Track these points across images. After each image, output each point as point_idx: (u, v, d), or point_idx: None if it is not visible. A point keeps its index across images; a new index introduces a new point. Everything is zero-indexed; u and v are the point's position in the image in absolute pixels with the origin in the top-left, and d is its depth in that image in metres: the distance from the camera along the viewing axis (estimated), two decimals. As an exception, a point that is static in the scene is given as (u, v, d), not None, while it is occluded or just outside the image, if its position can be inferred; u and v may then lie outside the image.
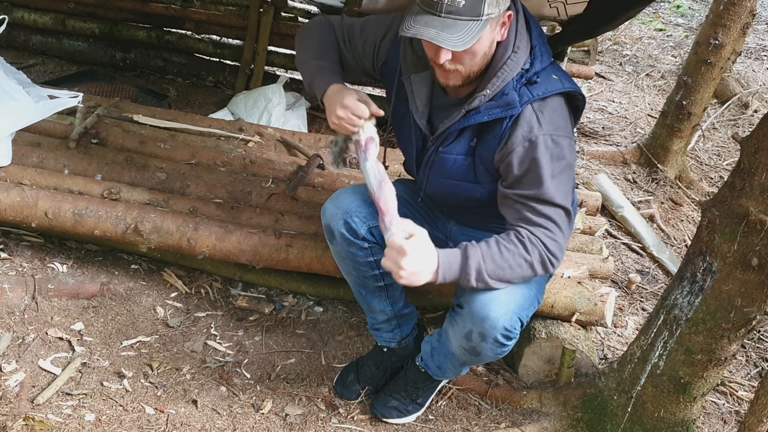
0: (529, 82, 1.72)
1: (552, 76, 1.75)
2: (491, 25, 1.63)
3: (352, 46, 1.98)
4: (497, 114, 1.72)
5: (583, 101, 1.84)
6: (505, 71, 1.70)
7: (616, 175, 4.03)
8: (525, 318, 1.84)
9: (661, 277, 3.24)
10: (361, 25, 1.98)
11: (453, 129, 1.79)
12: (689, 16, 7.30)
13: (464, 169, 1.84)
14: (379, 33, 1.94)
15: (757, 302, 1.77)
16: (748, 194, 1.69)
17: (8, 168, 2.46)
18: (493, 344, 1.80)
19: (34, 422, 1.90)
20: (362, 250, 1.99)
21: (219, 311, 2.46)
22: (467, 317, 1.80)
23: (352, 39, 1.98)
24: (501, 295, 1.76)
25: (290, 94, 3.91)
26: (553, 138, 1.71)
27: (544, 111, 1.71)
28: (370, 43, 1.96)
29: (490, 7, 1.59)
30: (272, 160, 2.89)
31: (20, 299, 2.33)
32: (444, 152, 1.83)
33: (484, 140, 1.78)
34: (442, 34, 1.59)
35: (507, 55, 1.70)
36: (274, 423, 2.07)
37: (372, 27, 1.97)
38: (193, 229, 2.32)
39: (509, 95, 1.71)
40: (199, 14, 4.11)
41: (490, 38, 1.67)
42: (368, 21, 1.99)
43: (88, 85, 3.63)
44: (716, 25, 3.61)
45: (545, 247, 1.73)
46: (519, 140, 1.71)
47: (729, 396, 2.54)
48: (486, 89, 1.71)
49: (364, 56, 1.98)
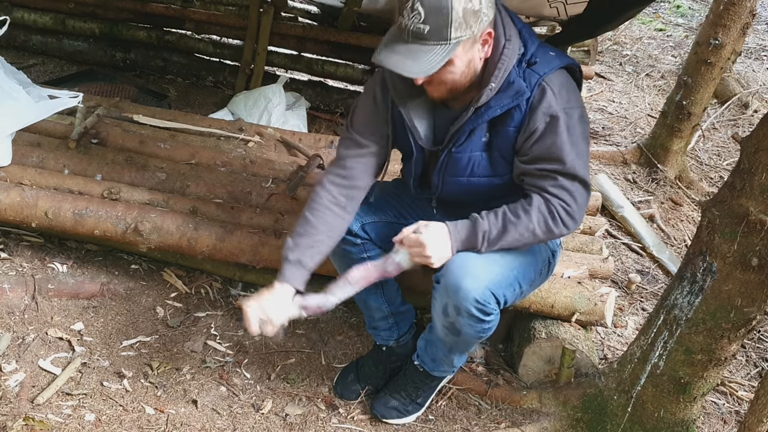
0: (529, 64, 1.73)
1: (549, 53, 1.76)
2: (464, 47, 1.63)
3: (360, 151, 1.91)
4: (509, 104, 1.72)
5: (581, 73, 1.85)
6: (504, 61, 1.70)
7: (616, 175, 4.03)
8: (501, 296, 1.83)
9: (661, 277, 3.24)
10: (351, 126, 1.92)
11: (466, 129, 1.78)
12: (689, 16, 7.30)
13: (481, 165, 1.84)
14: (372, 107, 1.90)
15: (757, 302, 1.76)
16: (748, 194, 1.69)
17: (8, 168, 2.46)
18: (469, 318, 1.80)
19: (34, 422, 1.90)
20: (355, 247, 2.00)
21: (219, 311, 2.46)
22: (443, 290, 1.82)
23: (350, 157, 1.91)
24: (476, 269, 1.78)
25: (290, 94, 3.91)
26: (566, 110, 1.72)
27: (554, 86, 1.72)
28: (372, 121, 1.90)
29: (457, 31, 1.58)
30: (272, 160, 2.89)
31: (20, 299, 2.33)
32: (457, 152, 1.82)
33: (499, 133, 1.78)
34: (405, 62, 1.60)
35: (502, 45, 1.71)
36: (274, 423, 2.07)
37: (362, 116, 1.92)
38: (193, 229, 2.32)
39: (516, 83, 1.71)
40: (199, 14, 4.11)
41: (466, 58, 1.66)
42: (354, 117, 1.94)
43: (88, 85, 3.63)
44: (716, 25, 3.61)
45: (559, 216, 1.76)
46: (540, 117, 1.71)
47: (729, 396, 2.54)
48: (491, 83, 1.71)
49: (379, 132, 1.91)
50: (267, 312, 1.78)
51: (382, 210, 2.04)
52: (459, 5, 1.55)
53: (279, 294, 1.81)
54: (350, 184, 1.91)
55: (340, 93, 4.24)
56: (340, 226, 1.91)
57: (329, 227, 1.88)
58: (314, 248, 1.86)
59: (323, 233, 1.87)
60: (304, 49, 4.16)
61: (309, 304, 1.82)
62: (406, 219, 2.04)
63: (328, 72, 4.23)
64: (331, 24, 4.09)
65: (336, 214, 1.89)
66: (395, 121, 1.89)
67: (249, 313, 1.78)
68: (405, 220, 2.04)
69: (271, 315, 1.78)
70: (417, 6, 1.56)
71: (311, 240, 1.86)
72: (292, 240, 1.87)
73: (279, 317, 1.79)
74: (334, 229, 1.90)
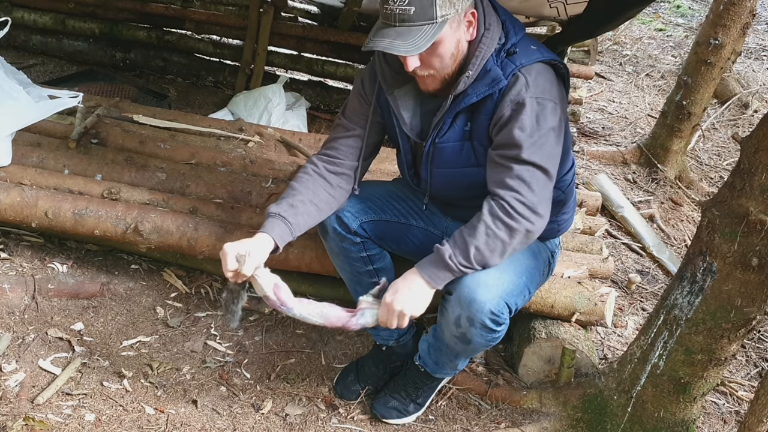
0: (508, 54, 1.73)
1: (531, 47, 1.77)
2: (451, 25, 1.66)
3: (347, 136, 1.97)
4: (485, 91, 1.74)
5: (566, 70, 1.85)
6: (482, 49, 1.72)
7: (616, 175, 4.03)
8: (513, 304, 1.84)
9: (661, 277, 3.24)
10: (344, 112, 2.00)
11: (446, 118, 1.80)
12: (689, 16, 7.31)
13: (464, 154, 1.84)
14: (358, 94, 1.97)
15: (757, 302, 1.76)
16: (748, 194, 1.69)
17: (8, 168, 2.46)
18: (482, 329, 1.80)
19: (34, 422, 1.90)
20: (355, 245, 2.01)
21: (219, 311, 2.46)
22: (455, 303, 1.81)
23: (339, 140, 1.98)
24: (488, 280, 1.77)
25: (290, 94, 3.91)
26: (538, 100, 1.71)
27: (529, 75, 1.72)
28: (359, 107, 1.97)
29: (442, 9, 1.62)
30: (272, 160, 2.89)
31: (20, 299, 2.33)
32: (441, 142, 1.84)
33: (476, 121, 1.80)
34: (396, 42, 1.63)
35: (480, 33, 1.72)
36: (274, 423, 2.07)
37: (350, 104, 1.99)
38: (193, 229, 2.32)
39: (492, 71, 1.72)
40: (199, 14, 4.11)
41: (454, 38, 1.69)
42: (345, 107, 2.01)
43: (88, 85, 3.63)
44: (716, 25, 3.61)
45: (513, 209, 1.72)
46: (507, 105, 1.72)
47: (729, 396, 2.54)
48: (468, 71, 1.72)
49: (365, 117, 1.97)
50: (246, 248, 1.76)
51: (381, 209, 2.05)
52: None
53: (258, 240, 1.82)
54: (334, 161, 1.97)
55: (340, 93, 4.24)
56: (324, 195, 1.94)
57: (312, 193, 1.92)
58: (296, 207, 1.89)
59: (305, 195, 1.91)
60: (304, 49, 4.16)
61: (279, 294, 1.78)
62: (405, 218, 2.06)
63: (328, 72, 4.24)
64: (331, 24, 4.09)
65: (319, 183, 1.94)
66: (383, 110, 1.93)
67: (227, 249, 1.75)
68: (404, 219, 2.05)
69: (250, 251, 1.75)
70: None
71: (293, 200, 1.90)
72: (275, 203, 1.92)
73: (257, 256, 1.77)
74: (318, 195, 1.92)
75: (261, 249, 1.80)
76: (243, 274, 1.75)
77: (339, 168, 1.96)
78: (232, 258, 1.75)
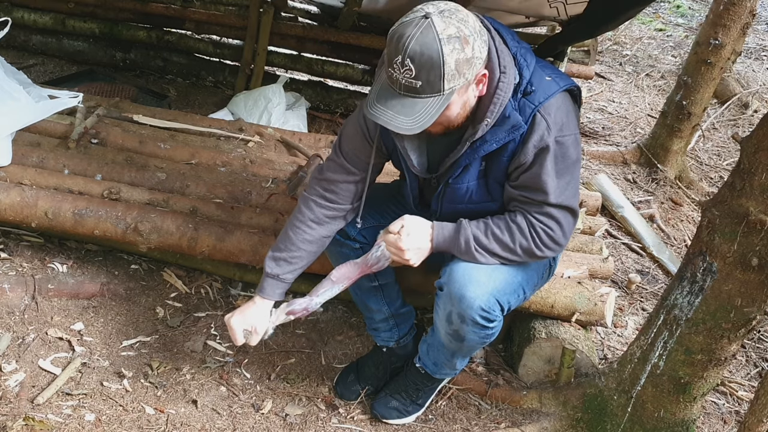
0: (525, 94, 1.67)
1: (545, 79, 1.70)
2: (459, 93, 1.58)
3: (342, 175, 1.91)
4: (505, 138, 1.69)
5: (579, 92, 1.82)
6: (500, 95, 1.64)
7: (616, 175, 4.03)
8: (505, 302, 1.83)
9: (661, 277, 3.24)
10: (338, 151, 1.91)
11: (461, 162, 1.76)
12: (689, 16, 7.30)
13: (478, 192, 1.83)
14: (361, 132, 1.87)
15: (757, 302, 1.76)
16: (748, 194, 1.69)
17: (8, 168, 2.46)
18: (474, 326, 1.80)
19: (34, 422, 1.90)
20: (354, 251, 2.02)
21: (219, 311, 2.46)
22: (446, 298, 1.81)
23: (337, 176, 1.91)
24: (480, 276, 1.77)
25: (290, 94, 3.91)
26: (559, 140, 1.69)
27: (549, 115, 1.67)
28: (360, 147, 1.88)
29: (451, 82, 1.52)
30: (272, 160, 2.89)
31: (20, 299, 2.33)
32: (455, 183, 1.81)
33: (494, 161, 1.76)
34: (398, 117, 1.56)
35: (497, 79, 1.64)
36: (274, 423, 2.07)
37: (351, 143, 1.89)
38: (193, 229, 2.32)
39: (512, 117, 1.67)
40: (199, 14, 4.10)
41: (462, 101, 1.62)
42: (342, 142, 1.91)
43: (88, 85, 3.63)
44: (716, 25, 3.61)
45: (540, 241, 1.76)
46: (530, 150, 1.69)
47: (729, 396, 2.54)
48: (486, 119, 1.66)
49: (364, 159, 1.90)
50: (251, 323, 1.90)
51: (380, 214, 2.04)
52: (451, 58, 1.49)
53: (260, 307, 1.93)
54: (334, 206, 1.94)
55: (340, 93, 4.24)
56: (321, 243, 1.98)
57: (309, 245, 1.95)
58: (293, 264, 1.95)
59: (302, 250, 1.94)
60: (304, 49, 4.15)
61: (295, 309, 1.90)
62: None
63: (328, 72, 4.23)
64: (331, 24, 4.08)
65: (317, 233, 1.95)
66: (387, 146, 1.89)
67: (233, 325, 1.89)
68: None
69: (255, 325, 1.90)
70: (407, 62, 1.49)
71: (290, 255, 1.93)
72: (272, 254, 1.95)
73: (262, 327, 1.91)
74: (314, 245, 1.96)
75: (264, 316, 1.93)
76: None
77: (338, 212, 1.95)
78: (240, 335, 1.90)
